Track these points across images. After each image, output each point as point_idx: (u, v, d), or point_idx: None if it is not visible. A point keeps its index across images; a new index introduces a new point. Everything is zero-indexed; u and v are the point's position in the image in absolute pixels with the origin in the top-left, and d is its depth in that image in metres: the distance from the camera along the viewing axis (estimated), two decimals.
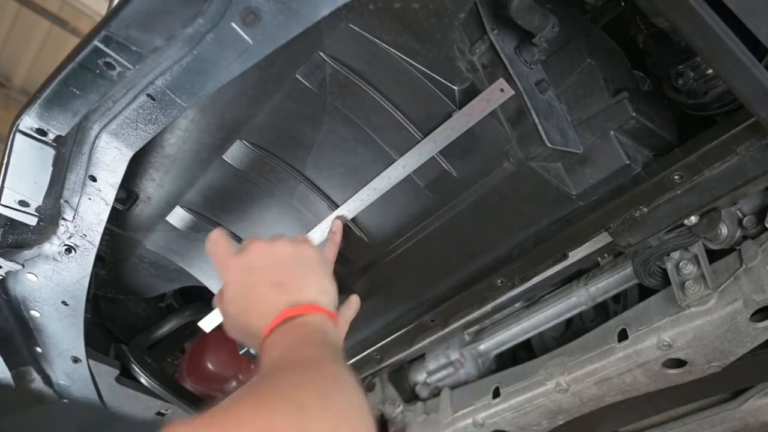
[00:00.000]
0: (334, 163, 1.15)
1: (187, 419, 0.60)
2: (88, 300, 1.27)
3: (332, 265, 1.22)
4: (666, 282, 1.22)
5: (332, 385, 0.72)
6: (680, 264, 1.17)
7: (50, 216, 1.10)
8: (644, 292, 1.31)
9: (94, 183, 1.06)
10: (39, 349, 1.35)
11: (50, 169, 1.01)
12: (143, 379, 1.59)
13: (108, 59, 0.84)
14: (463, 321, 1.41)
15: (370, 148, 1.10)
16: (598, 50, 1.06)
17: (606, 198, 1.08)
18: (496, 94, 0.98)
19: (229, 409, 0.62)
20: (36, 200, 1.05)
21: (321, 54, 0.99)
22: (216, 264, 0.97)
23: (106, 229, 1.13)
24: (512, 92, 0.97)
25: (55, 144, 0.97)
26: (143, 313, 1.69)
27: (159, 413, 1.66)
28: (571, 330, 1.57)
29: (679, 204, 1.05)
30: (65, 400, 1.39)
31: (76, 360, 1.38)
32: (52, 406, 0.60)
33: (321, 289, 0.92)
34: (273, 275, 0.90)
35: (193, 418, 0.60)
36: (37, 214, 1.07)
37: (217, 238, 0.97)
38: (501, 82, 0.97)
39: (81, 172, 1.04)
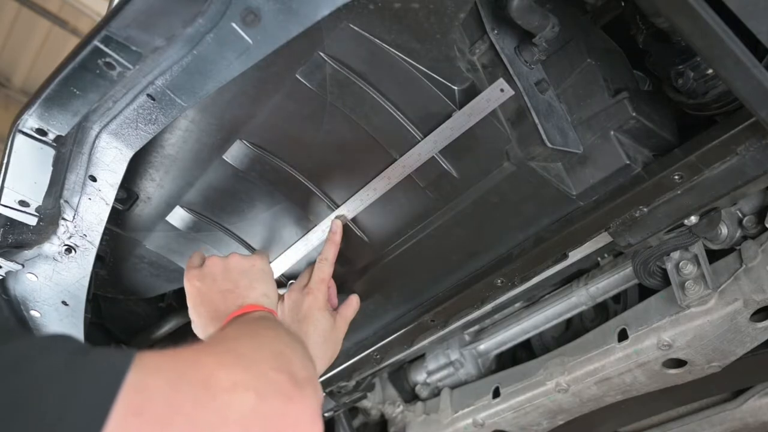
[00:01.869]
0: (334, 163, 1.15)
1: (160, 350, 0.63)
2: (88, 300, 1.27)
3: (332, 265, 1.22)
4: (666, 282, 1.22)
5: (273, 326, 0.88)
6: (680, 264, 1.17)
7: (50, 216, 1.10)
8: (644, 292, 1.31)
9: (94, 183, 1.06)
10: None
11: (50, 169, 1.01)
12: None
13: (108, 59, 0.84)
14: (463, 321, 1.41)
15: (370, 148, 1.10)
16: (598, 50, 1.06)
17: (606, 198, 1.08)
18: (496, 94, 0.98)
19: (203, 350, 0.68)
20: (36, 200, 1.05)
21: (321, 54, 0.99)
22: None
23: (106, 229, 1.13)
24: (512, 92, 0.97)
25: (55, 144, 0.97)
26: (143, 313, 1.69)
27: None
28: (571, 330, 1.57)
29: (679, 204, 1.05)
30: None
31: None
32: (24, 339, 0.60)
33: (262, 294, 1.05)
34: (222, 284, 1.06)
35: (164, 350, 0.64)
36: (37, 214, 1.07)
37: (193, 254, 1.14)
38: (501, 83, 0.97)
39: (81, 172, 1.04)
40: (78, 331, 1.32)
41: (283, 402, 0.64)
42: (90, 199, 1.08)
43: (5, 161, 0.99)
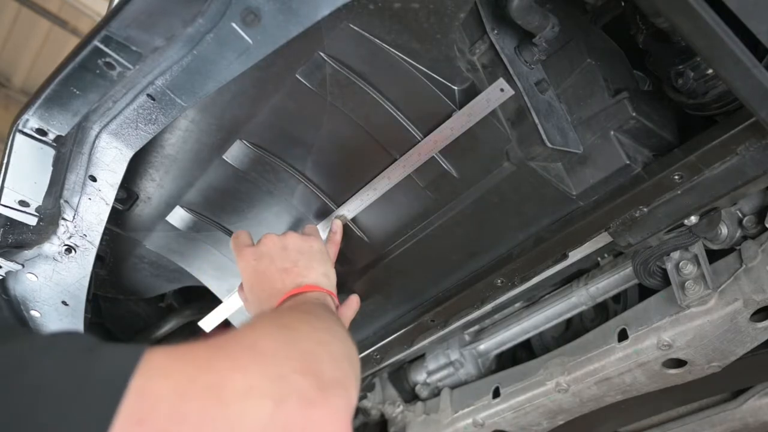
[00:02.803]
0: (334, 163, 1.15)
1: (172, 348, 0.58)
2: (88, 300, 1.27)
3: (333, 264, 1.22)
4: (666, 282, 1.22)
5: (315, 318, 0.82)
6: (680, 264, 1.17)
7: (50, 216, 1.10)
8: (644, 292, 1.31)
9: (94, 183, 1.06)
10: None
11: (50, 169, 1.01)
12: None
13: (108, 59, 0.84)
14: (463, 321, 1.41)
15: (370, 148, 1.10)
16: (598, 50, 1.06)
17: (606, 198, 1.08)
18: (496, 94, 0.98)
19: (220, 348, 0.61)
20: (36, 200, 1.05)
21: (321, 54, 0.99)
22: (235, 255, 1.07)
23: (106, 229, 1.13)
24: (512, 92, 0.97)
25: (55, 144, 0.97)
26: (143, 313, 1.69)
27: None
28: (571, 330, 1.57)
29: (679, 204, 1.05)
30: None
31: None
32: (29, 338, 0.56)
33: (322, 274, 1.02)
34: (280, 263, 1.02)
35: (178, 347, 0.58)
36: (37, 214, 1.07)
37: (239, 233, 1.10)
38: (501, 82, 0.97)
39: (81, 172, 1.04)
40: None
41: (303, 408, 0.58)
42: (90, 199, 1.08)
43: (5, 161, 0.99)
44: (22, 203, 1.05)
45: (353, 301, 1.27)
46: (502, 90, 0.98)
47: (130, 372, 0.52)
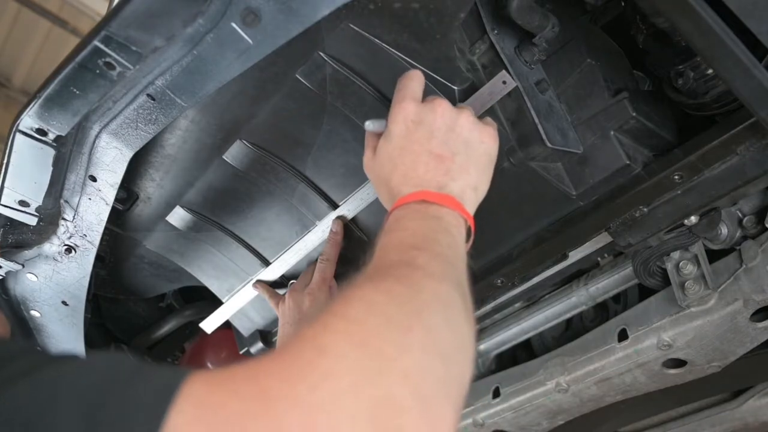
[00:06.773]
0: (334, 163, 1.15)
1: (216, 372, 0.48)
2: (88, 300, 1.27)
3: (334, 265, 1.22)
4: (666, 282, 1.22)
5: (429, 314, 0.60)
6: (680, 264, 1.17)
7: (50, 216, 1.10)
8: (644, 292, 1.31)
9: (94, 183, 1.06)
10: (39, 349, 1.35)
11: (50, 169, 1.01)
12: None
13: (108, 59, 0.84)
14: None
15: None
16: (598, 50, 1.06)
17: (606, 198, 1.08)
18: (498, 87, 0.98)
19: (273, 361, 0.49)
20: (36, 200, 1.05)
21: (321, 54, 0.99)
22: (395, 98, 0.88)
23: (106, 229, 1.13)
24: (515, 84, 0.97)
25: (55, 144, 0.97)
26: (143, 313, 1.69)
27: None
28: (571, 330, 1.57)
29: (679, 204, 1.05)
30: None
31: None
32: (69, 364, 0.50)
33: (473, 185, 0.84)
34: (437, 146, 0.83)
35: (224, 370, 0.49)
36: (37, 214, 1.07)
37: (416, 75, 0.89)
38: (503, 74, 0.97)
39: (81, 172, 1.04)
40: (78, 331, 1.32)
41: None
42: (90, 199, 1.08)
43: (5, 161, 0.99)
44: (22, 203, 1.05)
45: None
46: (504, 82, 0.97)
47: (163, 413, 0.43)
